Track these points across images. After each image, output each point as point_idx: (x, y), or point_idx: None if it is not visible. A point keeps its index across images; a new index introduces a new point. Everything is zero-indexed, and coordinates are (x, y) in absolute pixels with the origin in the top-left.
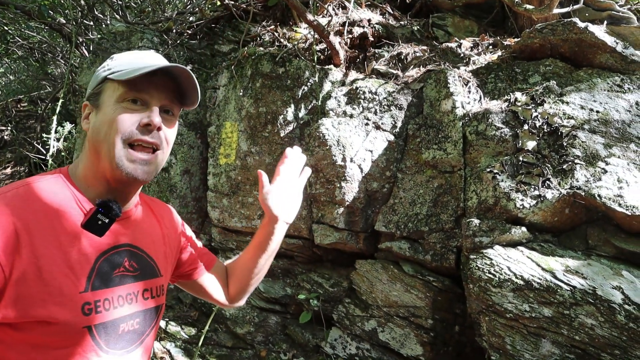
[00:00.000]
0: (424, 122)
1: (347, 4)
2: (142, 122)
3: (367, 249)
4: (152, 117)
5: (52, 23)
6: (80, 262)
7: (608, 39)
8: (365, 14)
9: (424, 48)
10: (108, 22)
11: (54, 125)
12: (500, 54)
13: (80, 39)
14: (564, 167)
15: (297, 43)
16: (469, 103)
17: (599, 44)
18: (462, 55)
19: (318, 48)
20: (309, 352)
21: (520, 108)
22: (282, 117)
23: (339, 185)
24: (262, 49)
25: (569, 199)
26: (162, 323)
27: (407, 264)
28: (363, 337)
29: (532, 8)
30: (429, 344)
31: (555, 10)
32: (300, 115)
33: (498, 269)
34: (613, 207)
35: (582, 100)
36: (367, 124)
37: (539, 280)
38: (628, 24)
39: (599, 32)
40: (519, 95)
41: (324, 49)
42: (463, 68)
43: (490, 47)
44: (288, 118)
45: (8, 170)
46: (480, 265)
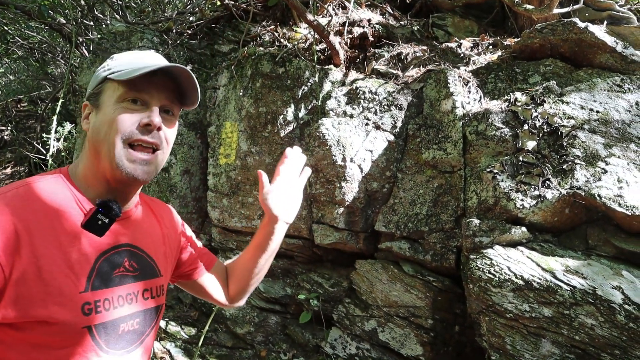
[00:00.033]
0: (424, 122)
1: (347, 4)
2: (142, 122)
3: (367, 249)
4: (152, 117)
5: (52, 23)
6: (80, 262)
7: (608, 39)
8: (365, 14)
9: (424, 48)
10: (108, 22)
11: (54, 125)
12: (500, 54)
13: (80, 39)
14: (564, 167)
15: (297, 43)
16: (469, 103)
17: (599, 44)
18: (462, 55)
19: (318, 48)
20: (309, 352)
21: (520, 108)
22: (282, 117)
23: (339, 185)
24: (262, 49)
25: (569, 199)
26: (162, 323)
27: (407, 264)
28: (363, 337)
29: (532, 8)
30: (429, 344)
31: (555, 10)
32: (300, 115)
33: (498, 269)
34: (613, 207)
35: (582, 100)
36: (367, 124)
37: (539, 280)
38: (628, 24)
39: (599, 32)
40: (519, 95)
41: (324, 49)
42: (463, 68)
43: (490, 47)
44: (288, 118)
45: (8, 170)
46: (480, 265)
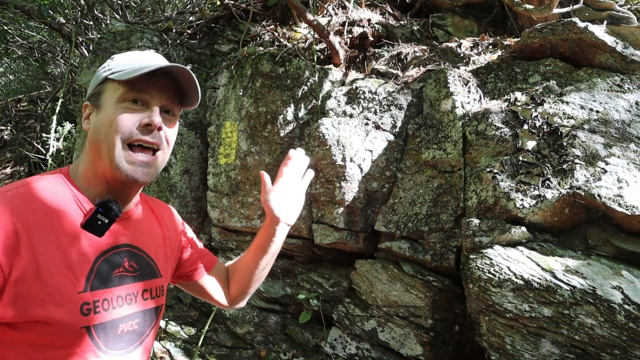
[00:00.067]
0: (424, 122)
1: (347, 4)
2: (142, 122)
3: (367, 249)
4: (152, 117)
5: (51, 23)
6: (80, 262)
7: (608, 39)
8: (365, 14)
9: (424, 48)
10: (108, 21)
11: (54, 125)
12: (500, 54)
13: (80, 39)
14: (564, 167)
15: (297, 43)
16: (469, 103)
17: (599, 44)
18: (462, 55)
19: (318, 48)
20: (309, 352)
21: (520, 108)
22: (282, 116)
23: (339, 185)
24: (261, 49)
25: (569, 199)
26: (162, 323)
27: (407, 264)
28: (363, 337)
29: (532, 8)
30: (429, 344)
31: (555, 10)
32: (300, 115)
33: (498, 269)
34: (613, 206)
35: (582, 100)
36: (367, 124)
37: (539, 280)
38: (628, 24)
39: (599, 32)
40: (519, 95)
41: (324, 49)
42: (463, 68)
43: (490, 47)
44: (288, 118)
45: (8, 170)
46: (480, 265)
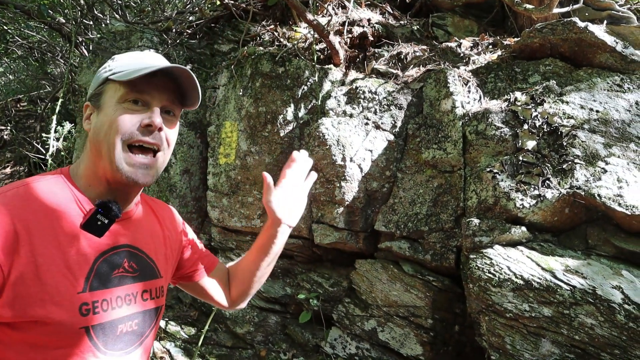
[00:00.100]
0: (424, 121)
1: (346, 4)
2: (143, 122)
3: (366, 249)
4: (153, 117)
5: (51, 22)
6: (79, 262)
7: (608, 39)
8: (365, 14)
9: (424, 48)
10: (108, 21)
11: (54, 125)
12: (500, 54)
13: (80, 39)
14: (564, 166)
15: (296, 43)
16: (469, 103)
17: (599, 44)
18: (462, 55)
19: (318, 48)
20: (309, 351)
21: (520, 108)
22: (281, 116)
23: (339, 185)
24: (261, 49)
25: (569, 199)
26: (161, 323)
27: (406, 264)
28: (363, 336)
29: (532, 7)
30: (429, 344)
31: (555, 10)
32: (300, 115)
33: (498, 269)
34: (613, 206)
35: (582, 100)
36: (367, 124)
37: (539, 280)
38: (628, 24)
39: (599, 31)
40: (519, 95)
41: (324, 49)
42: (463, 68)
43: (490, 46)
44: (288, 118)
45: (8, 170)
46: (480, 265)
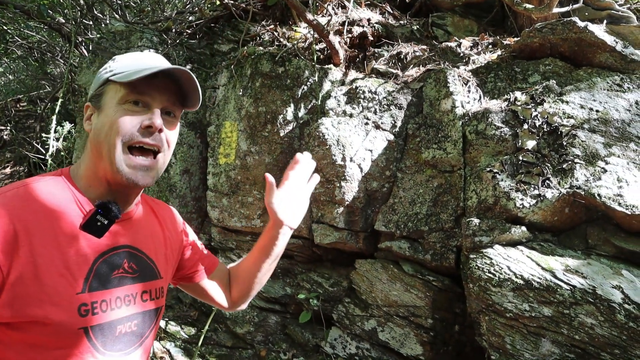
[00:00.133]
0: (424, 121)
1: (346, 4)
2: (143, 124)
3: (366, 249)
4: (153, 119)
5: (51, 22)
6: (78, 263)
7: (608, 38)
8: (365, 14)
9: (424, 47)
10: (107, 21)
11: (54, 125)
12: (500, 54)
13: (80, 39)
14: (564, 166)
15: (296, 42)
16: (469, 102)
17: (599, 43)
18: (461, 55)
19: (318, 47)
20: (309, 351)
21: (520, 107)
22: (281, 116)
23: (339, 185)
24: (261, 49)
25: (569, 199)
26: (161, 323)
27: (406, 264)
28: (363, 336)
29: (531, 7)
30: (429, 344)
31: (555, 10)
32: (300, 115)
33: (498, 269)
34: (613, 206)
35: (581, 100)
36: (366, 124)
37: (539, 280)
38: (627, 23)
39: (599, 31)
40: (519, 95)
41: (324, 49)
42: (463, 67)
43: (490, 46)
44: (288, 118)
45: (7, 170)
46: (480, 265)
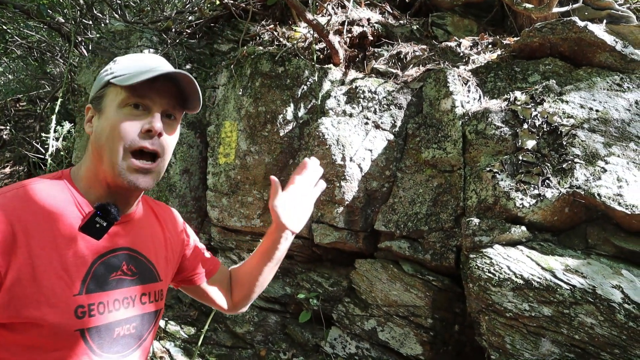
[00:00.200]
0: (424, 121)
1: (346, 3)
2: (143, 128)
3: (366, 249)
4: (153, 123)
5: (51, 22)
6: (76, 264)
7: (607, 38)
8: (365, 13)
9: (424, 47)
10: (107, 21)
11: (53, 125)
12: (500, 53)
13: (79, 38)
14: (564, 166)
15: (296, 42)
16: (469, 102)
17: (599, 43)
18: (461, 55)
19: (317, 47)
20: (309, 351)
21: (520, 107)
22: (281, 116)
23: (339, 185)
24: (261, 48)
25: (569, 198)
26: (161, 322)
27: (406, 263)
28: (363, 336)
29: (531, 7)
30: (429, 343)
31: (555, 9)
32: (300, 115)
33: (498, 268)
34: (613, 206)
35: (581, 99)
36: (366, 123)
37: (539, 280)
38: (627, 23)
39: (599, 31)
40: (519, 94)
41: (324, 48)
42: (462, 67)
43: (490, 46)
44: (287, 117)
45: (7, 170)
46: (480, 265)
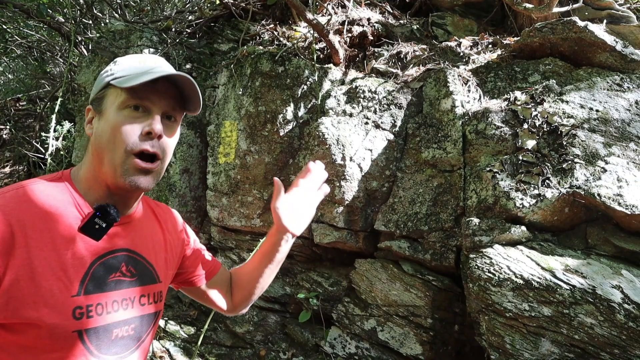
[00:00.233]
0: (424, 121)
1: (346, 3)
2: (143, 131)
3: (366, 248)
4: (153, 125)
5: (50, 22)
6: (75, 265)
7: (607, 38)
8: (365, 13)
9: (424, 47)
10: (107, 20)
11: (53, 124)
12: (500, 53)
13: (79, 38)
14: (564, 166)
15: (296, 42)
16: (469, 102)
17: (599, 43)
18: (461, 54)
19: (317, 47)
20: (309, 351)
21: (520, 107)
22: (281, 116)
23: (339, 185)
24: (261, 48)
25: (569, 198)
26: (161, 322)
27: (406, 263)
28: (362, 336)
29: (531, 7)
30: (429, 343)
31: (555, 9)
32: (300, 114)
33: (498, 268)
34: (613, 206)
35: (581, 99)
36: (366, 123)
37: (539, 280)
38: (627, 23)
39: (599, 31)
40: (519, 94)
41: (324, 48)
42: (463, 67)
43: (490, 46)
44: (287, 117)
45: (7, 169)
46: (480, 265)
